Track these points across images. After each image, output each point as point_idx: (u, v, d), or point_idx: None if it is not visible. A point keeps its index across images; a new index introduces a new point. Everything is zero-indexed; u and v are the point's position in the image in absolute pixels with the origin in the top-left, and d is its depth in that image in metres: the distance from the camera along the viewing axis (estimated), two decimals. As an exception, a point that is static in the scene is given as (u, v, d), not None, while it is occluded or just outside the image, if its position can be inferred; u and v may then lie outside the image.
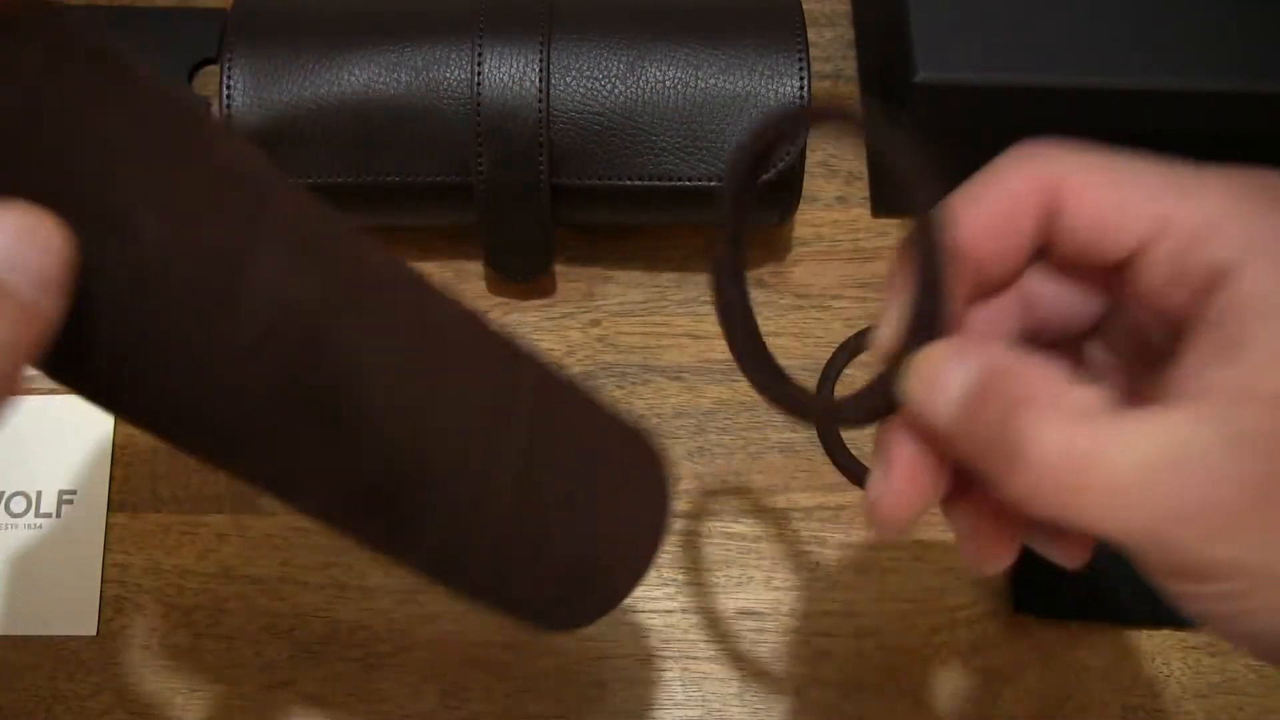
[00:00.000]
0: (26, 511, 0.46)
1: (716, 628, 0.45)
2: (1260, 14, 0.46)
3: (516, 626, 0.31)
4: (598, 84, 0.46)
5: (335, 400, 0.25)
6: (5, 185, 0.21)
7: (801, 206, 0.49)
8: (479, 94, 0.45)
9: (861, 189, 0.52)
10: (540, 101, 0.45)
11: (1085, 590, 0.45)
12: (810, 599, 0.45)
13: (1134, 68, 0.45)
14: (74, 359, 0.23)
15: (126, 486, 0.46)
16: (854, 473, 0.46)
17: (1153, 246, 0.25)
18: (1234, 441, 0.22)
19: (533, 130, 0.45)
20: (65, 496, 0.46)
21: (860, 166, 0.53)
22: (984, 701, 0.44)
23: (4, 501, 0.46)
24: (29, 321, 0.21)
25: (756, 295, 0.50)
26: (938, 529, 0.46)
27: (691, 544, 0.46)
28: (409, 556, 0.29)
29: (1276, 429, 0.22)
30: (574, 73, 0.46)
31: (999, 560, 0.28)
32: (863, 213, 0.52)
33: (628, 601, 0.46)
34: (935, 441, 0.25)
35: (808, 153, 0.48)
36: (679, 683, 0.44)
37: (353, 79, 0.45)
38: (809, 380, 0.48)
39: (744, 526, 0.46)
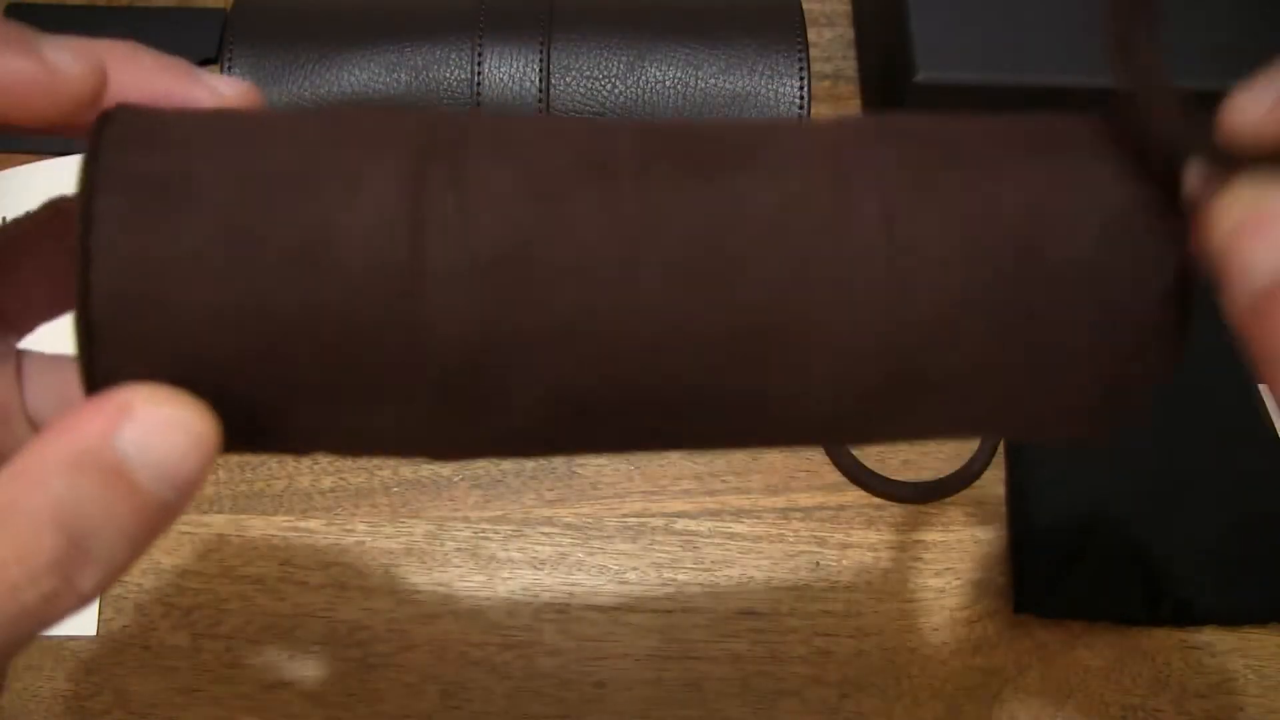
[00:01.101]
0: (26, 511, 0.46)
1: (716, 628, 0.45)
2: (1260, 16, 0.46)
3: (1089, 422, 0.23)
4: (597, 84, 0.46)
5: None
6: None
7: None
8: (479, 94, 0.45)
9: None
10: (540, 102, 0.45)
11: (1085, 590, 0.45)
12: (810, 599, 0.45)
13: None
14: None
15: (126, 486, 0.46)
16: (854, 472, 0.46)
17: None
18: None
19: (533, 130, 0.45)
20: (65, 496, 0.46)
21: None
22: (984, 701, 0.44)
23: (4, 501, 0.46)
24: (153, 517, 0.19)
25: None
26: (937, 529, 0.46)
27: (691, 544, 0.46)
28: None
29: None
30: (574, 73, 0.46)
31: None
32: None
33: (627, 602, 0.46)
34: None
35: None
36: (679, 683, 0.44)
37: (353, 79, 0.45)
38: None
39: (744, 526, 0.46)
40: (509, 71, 0.45)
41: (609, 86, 0.46)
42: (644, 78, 0.46)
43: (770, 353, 0.21)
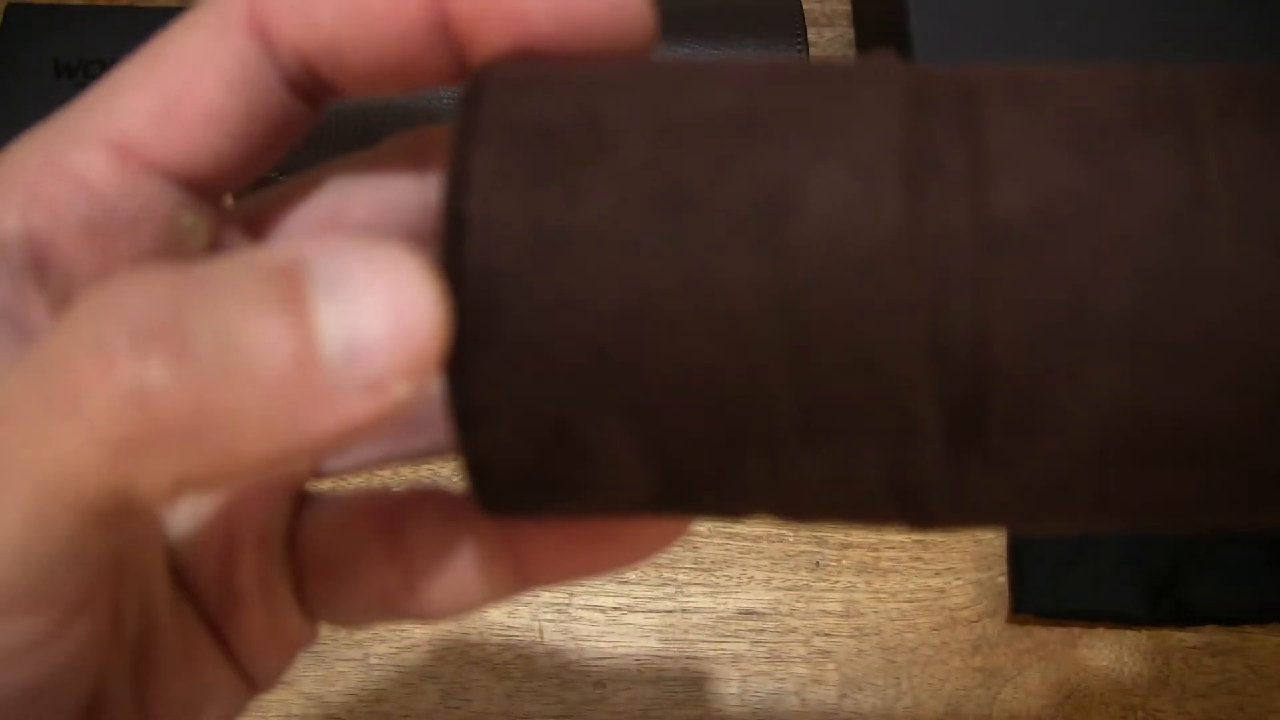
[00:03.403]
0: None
1: (716, 628, 0.45)
2: (1261, 17, 0.46)
3: None
4: (598, 84, 0.46)
5: None
6: None
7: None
8: (479, 94, 0.45)
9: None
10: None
11: (1085, 590, 0.45)
12: (810, 599, 0.45)
13: (1134, 68, 0.45)
14: None
15: (126, 486, 0.46)
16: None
17: None
18: None
19: (533, 130, 0.45)
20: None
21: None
22: (984, 701, 0.44)
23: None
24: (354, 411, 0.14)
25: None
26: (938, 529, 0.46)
27: (691, 544, 0.46)
28: None
29: None
30: (574, 73, 0.46)
31: None
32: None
33: (627, 602, 0.46)
34: None
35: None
36: (679, 683, 0.44)
37: (353, 79, 0.45)
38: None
39: (744, 526, 0.46)
40: (509, 71, 0.45)
41: (609, 86, 0.46)
42: (644, 78, 0.46)
43: None
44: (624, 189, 0.15)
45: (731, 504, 0.17)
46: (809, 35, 0.47)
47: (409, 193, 0.21)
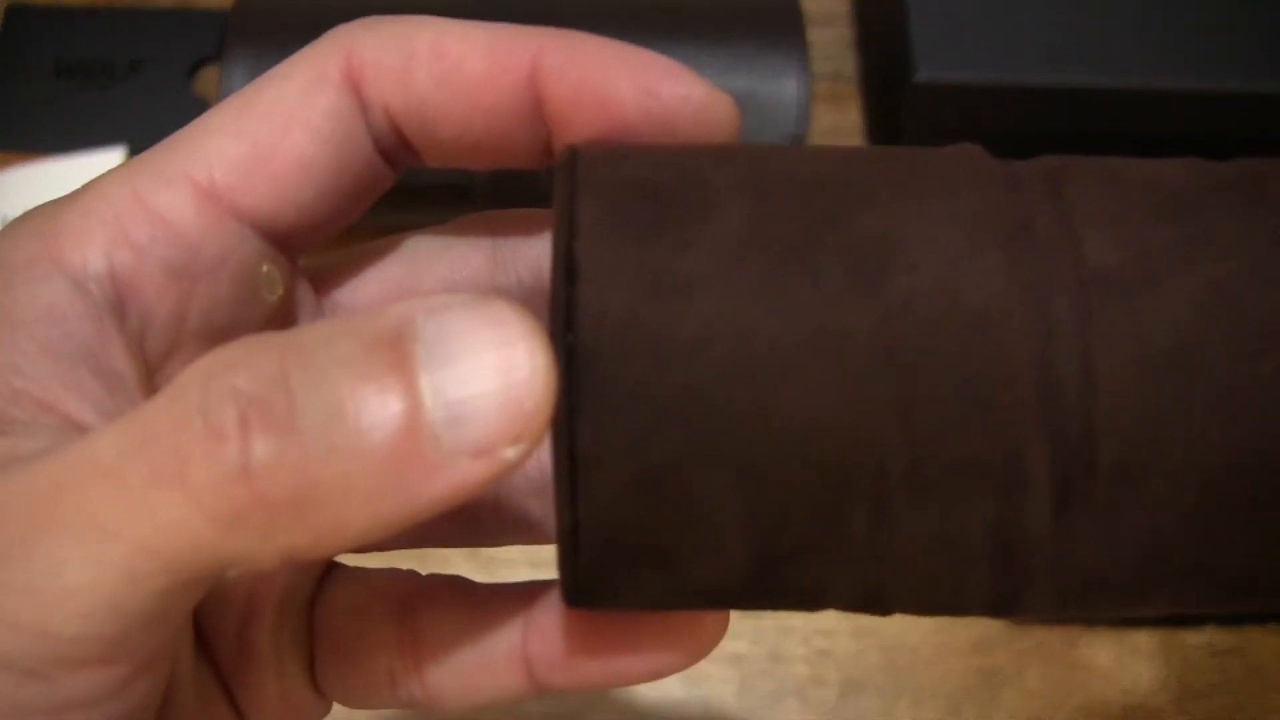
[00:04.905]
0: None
1: (716, 628, 0.45)
2: (1261, 14, 0.46)
3: None
4: (598, 84, 0.46)
5: None
6: None
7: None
8: (479, 94, 0.45)
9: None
10: (540, 101, 0.45)
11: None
12: (810, 599, 0.45)
13: (1134, 68, 0.45)
14: None
15: (126, 486, 0.46)
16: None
17: None
18: None
19: (533, 130, 0.45)
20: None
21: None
22: (984, 701, 0.44)
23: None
24: (452, 476, 0.14)
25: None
26: (938, 529, 0.46)
27: (691, 544, 0.46)
28: None
29: None
30: (574, 73, 0.46)
31: None
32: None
33: (628, 601, 0.46)
34: None
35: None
36: (679, 683, 0.44)
37: (353, 79, 0.45)
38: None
39: (744, 526, 0.46)
40: (509, 71, 0.45)
41: (609, 86, 0.46)
42: (644, 78, 0.46)
43: None
44: (733, 240, 0.15)
45: (818, 580, 0.17)
46: (809, 35, 0.47)
47: (480, 272, 0.21)
